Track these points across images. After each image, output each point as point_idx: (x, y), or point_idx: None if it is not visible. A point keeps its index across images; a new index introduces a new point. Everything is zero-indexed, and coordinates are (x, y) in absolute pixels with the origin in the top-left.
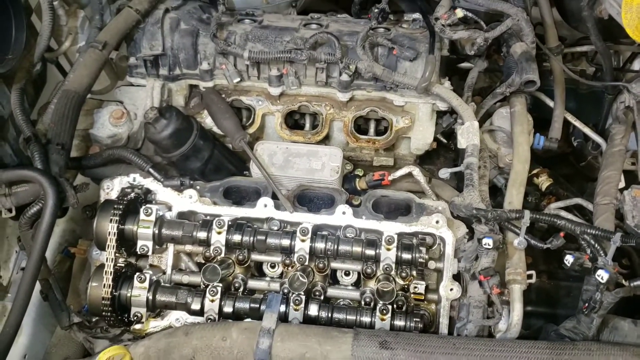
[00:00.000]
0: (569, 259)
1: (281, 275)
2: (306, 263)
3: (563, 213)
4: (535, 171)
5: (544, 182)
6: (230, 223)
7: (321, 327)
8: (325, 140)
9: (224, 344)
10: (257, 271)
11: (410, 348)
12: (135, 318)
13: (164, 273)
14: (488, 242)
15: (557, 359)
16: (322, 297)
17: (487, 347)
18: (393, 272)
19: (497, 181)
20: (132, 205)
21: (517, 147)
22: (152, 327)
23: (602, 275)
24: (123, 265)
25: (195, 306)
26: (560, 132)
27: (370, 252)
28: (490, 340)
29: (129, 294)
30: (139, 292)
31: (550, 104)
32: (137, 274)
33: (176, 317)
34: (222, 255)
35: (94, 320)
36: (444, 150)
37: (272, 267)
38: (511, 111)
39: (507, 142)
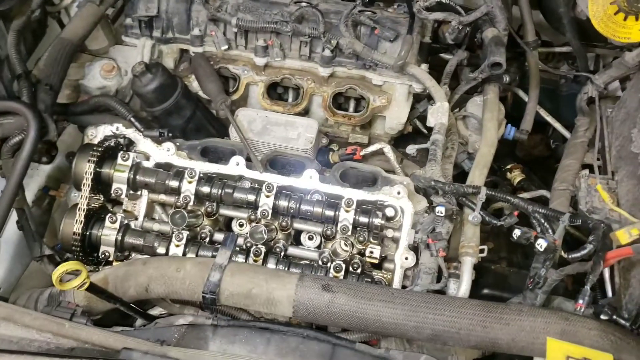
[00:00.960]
0: (516, 232)
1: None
2: (269, 218)
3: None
4: (509, 166)
5: (516, 176)
6: (202, 175)
7: (271, 268)
8: (305, 114)
9: (178, 275)
10: (226, 227)
11: (351, 293)
12: (103, 256)
13: (137, 219)
14: (441, 210)
15: (488, 315)
16: (282, 254)
17: (423, 299)
18: (350, 235)
19: (464, 165)
20: (111, 151)
21: (486, 132)
22: None
23: (541, 244)
24: (97, 206)
25: (161, 250)
26: (531, 125)
27: (329, 212)
28: (427, 294)
29: (99, 233)
30: (109, 232)
31: (527, 99)
32: (109, 214)
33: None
34: (192, 204)
35: (65, 257)
36: (420, 138)
37: (241, 226)
38: (484, 99)
39: (478, 129)
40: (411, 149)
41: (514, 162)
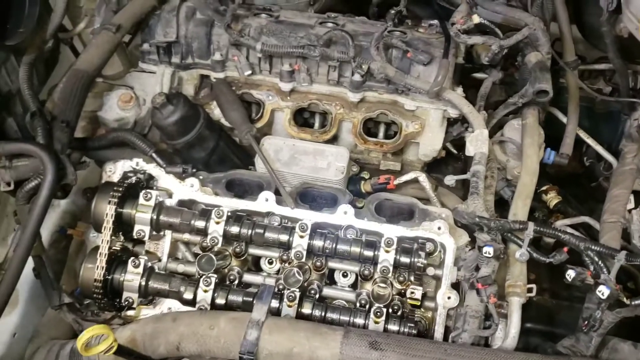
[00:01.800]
0: (570, 274)
1: (278, 272)
2: (303, 260)
3: (569, 230)
4: (544, 188)
5: (552, 199)
6: (229, 214)
7: (311, 322)
8: (334, 140)
9: (211, 333)
10: (255, 266)
11: (401, 350)
12: (126, 303)
13: (160, 260)
14: (489, 250)
15: None
16: (317, 296)
17: (479, 355)
18: (390, 276)
19: (504, 193)
20: (132, 189)
21: (526, 159)
22: (144, 315)
23: (603, 291)
24: (119, 249)
25: (188, 295)
26: (572, 148)
27: (368, 253)
28: (482, 349)
29: (122, 278)
30: (132, 276)
31: (565, 120)
32: (132, 258)
33: (168, 306)
34: (219, 246)
35: (85, 302)
36: (453, 161)
37: (270, 262)
38: (522, 123)
39: (517, 154)
40: (450, 180)
41: (548, 182)
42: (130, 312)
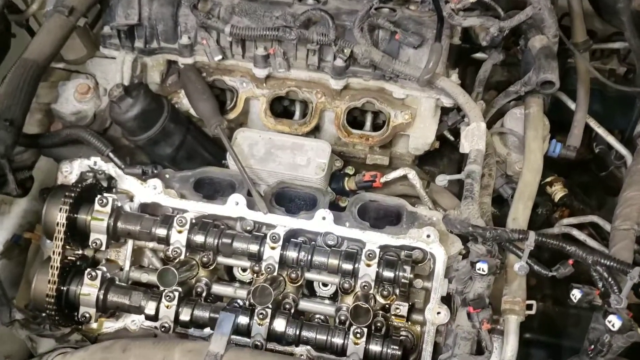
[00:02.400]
0: (576, 294)
1: (251, 282)
2: (275, 273)
3: (575, 232)
4: (548, 179)
5: (557, 191)
6: (194, 221)
7: (277, 356)
8: (315, 131)
9: None
10: (227, 274)
11: None
12: (83, 319)
13: (122, 270)
14: (482, 267)
15: None
16: (292, 311)
17: None
18: (373, 290)
19: (503, 191)
20: (89, 192)
21: (529, 154)
22: (106, 328)
23: (614, 322)
24: (75, 258)
25: (149, 311)
26: (580, 140)
27: (347, 266)
28: None
29: (78, 291)
30: (88, 290)
31: (572, 105)
32: (88, 270)
33: (132, 320)
34: (183, 257)
35: (42, 315)
36: (449, 150)
37: (244, 270)
38: (525, 112)
39: (518, 147)
40: (442, 180)
41: (553, 173)
42: (92, 325)
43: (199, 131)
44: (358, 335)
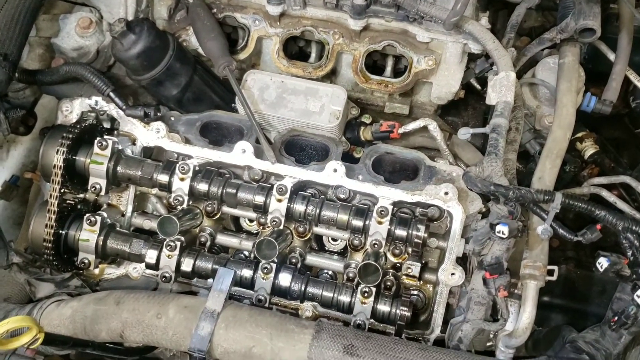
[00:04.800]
0: (602, 263)
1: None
2: (281, 227)
3: (605, 192)
4: (579, 134)
5: (588, 148)
6: (197, 169)
7: (278, 315)
8: (331, 76)
9: (158, 323)
10: (234, 224)
11: (382, 358)
12: (82, 265)
13: (123, 215)
14: (503, 229)
15: None
16: (298, 265)
17: None
18: (384, 248)
19: (530, 147)
20: (89, 133)
21: (560, 108)
22: (107, 274)
23: None
24: (75, 202)
25: (150, 260)
26: (617, 94)
27: (357, 223)
28: (472, 356)
29: (77, 236)
30: (87, 235)
31: (611, 56)
32: (87, 215)
33: (134, 267)
34: (185, 205)
35: (41, 259)
36: (474, 100)
37: (252, 220)
38: (559, 62)
39: (549, 99)
40: (465, 133)
41: (585, 128)
42: (95, 271)
43: (208, 72)
44: (366, 294)
